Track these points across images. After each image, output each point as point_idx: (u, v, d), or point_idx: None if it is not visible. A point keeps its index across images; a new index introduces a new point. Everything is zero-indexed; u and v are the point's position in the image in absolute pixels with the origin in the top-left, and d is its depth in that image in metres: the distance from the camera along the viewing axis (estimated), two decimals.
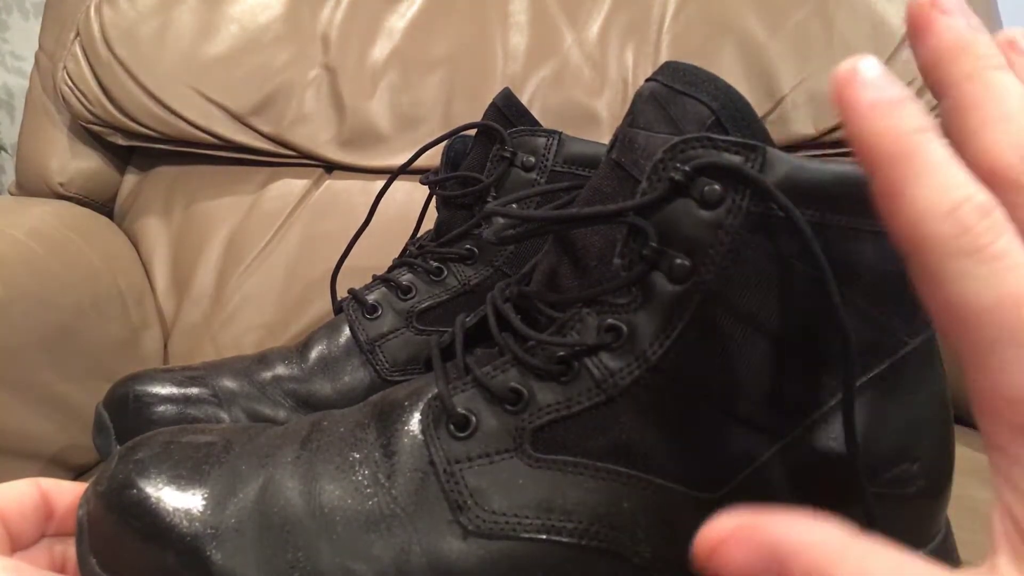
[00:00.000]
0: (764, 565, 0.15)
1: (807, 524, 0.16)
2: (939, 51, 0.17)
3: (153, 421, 0.41)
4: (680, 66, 0.27)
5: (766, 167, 0.23)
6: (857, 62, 0.16)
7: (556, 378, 0.26)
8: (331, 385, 0.43)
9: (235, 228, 0.71)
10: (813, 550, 0.15)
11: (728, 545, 0.16)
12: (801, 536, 0.15)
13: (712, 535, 0.16)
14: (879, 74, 0.16)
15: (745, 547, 0.16)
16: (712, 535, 0.16)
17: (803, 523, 0.16)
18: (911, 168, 0.15)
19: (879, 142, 0.16)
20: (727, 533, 0.16)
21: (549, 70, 0.72)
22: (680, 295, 0.24)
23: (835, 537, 0.15)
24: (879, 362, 0.25)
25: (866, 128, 0.16)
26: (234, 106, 0.70)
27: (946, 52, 0.17)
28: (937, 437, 0.27)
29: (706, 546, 0.16)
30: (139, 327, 0.65)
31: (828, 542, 0.15)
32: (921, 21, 0.17)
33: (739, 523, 0.16)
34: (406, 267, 0.46)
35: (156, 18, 0.71)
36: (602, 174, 0.28)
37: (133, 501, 0.25)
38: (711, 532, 0.16)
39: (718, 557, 0.16)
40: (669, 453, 0.25)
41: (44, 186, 0.74)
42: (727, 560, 0.16)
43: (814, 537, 0.15)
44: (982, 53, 0.17)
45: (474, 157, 0.46)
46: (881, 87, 0.16)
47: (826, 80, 0.69)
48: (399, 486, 0.25)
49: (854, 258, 0.24)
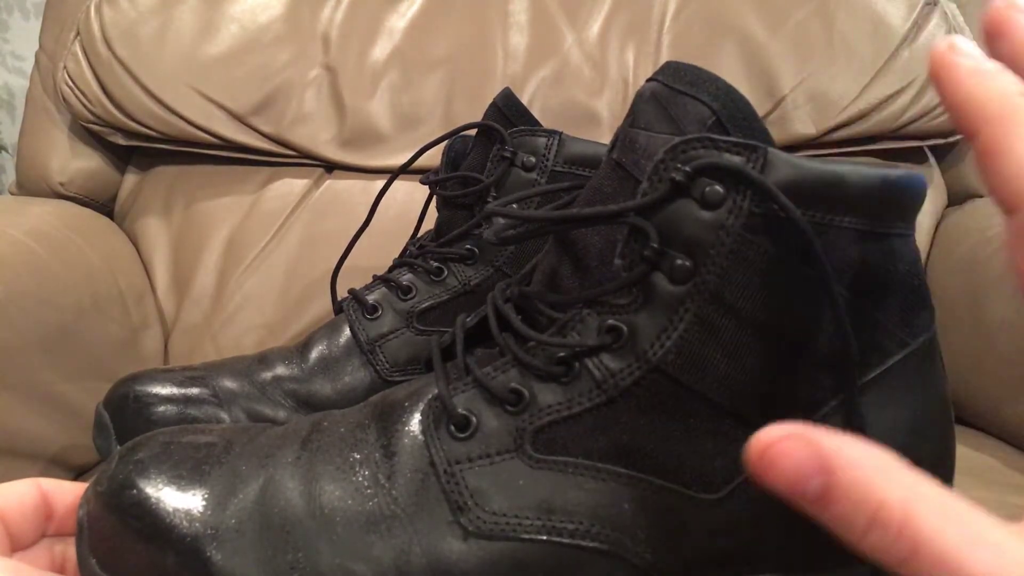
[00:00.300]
0: (812, 473, 0.16)
1: (860, 444, 0.16)
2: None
3: (153, 421, 0.41)
4: (681, 66, 0.27)
5: (767, 167, 0.23)
6: (953, 38, 0.18)
7: (557, 379, 0.26)
8: (331, 385, 0.43)
9: (235, 228, 0.71)
10: (863, 466, 0.15)
11: (779, 448, 0.16)
12: (853, 452, 0.16)
13: (765, 438, 0.16)
14: (975, 47, 0.18)
15: (796, 453, 0.16)
16: (765, 438, 0.16)
17: (856, 443, 0.16)
18: (1016, 126, 0.16)
19: (985, 103, 0.17)
20: (779, 438, 0.16)
21: (549, 70, 0.72)
22: (681, 296, 0.24)
23: (886, 460, 0.16)
24: (879, 363, 0.25)
25: (971, 91, 0.17)
26: (234, 106, 0.70)
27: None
28: (937, 438, 0.27)
29: (758, 448, 0.16)
30: (139, 327, 0.65)
31: (879, 464, 0.16)
32: (1002, 22, 0.18)
33: (793, 430, 0.16)
34: (406, 267, 0.46)
35: (156, 18, 0.71)
36: (603, 174, 0.28)
37: (133, 501, 0.25)
38: (764, 435, 0.16)
39: (768, 460, 0.16)
40: (670, 454, 0.25)
41: (44, 186, 0.74)
42: (776, 464, 0.16)
43: (866, 456, 0.16)
44: None
45: (474, 157, 0.46)
46: (979, 58, 0.17)
47: (826, 80, 0.69)
48: (399, 487, 0.25)
49: (854, 258, 0.24)
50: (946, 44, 0.18)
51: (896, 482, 0.15)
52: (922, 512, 0.15)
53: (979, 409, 0.59)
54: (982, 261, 0.61)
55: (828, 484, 0.15)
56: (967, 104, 0.17)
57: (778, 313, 0.24)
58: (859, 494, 0.15)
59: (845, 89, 0.69)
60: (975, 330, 0.58)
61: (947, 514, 0.15)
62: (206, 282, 0.70)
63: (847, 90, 0.69)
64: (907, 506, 0.15)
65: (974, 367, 0.57)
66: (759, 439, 0.16)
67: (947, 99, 0.18)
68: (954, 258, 0.66)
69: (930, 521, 0.15)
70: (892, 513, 0.15)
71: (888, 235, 0.24)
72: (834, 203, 0.23)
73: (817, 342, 0.24)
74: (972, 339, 0.58)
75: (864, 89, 0.69)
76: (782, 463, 0.16)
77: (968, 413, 0.60)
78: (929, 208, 0.74)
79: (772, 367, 0.24)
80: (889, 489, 0.15)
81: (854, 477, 0.15)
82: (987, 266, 0.60)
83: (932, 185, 0.75)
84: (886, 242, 0.24)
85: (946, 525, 0.15)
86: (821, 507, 0.16)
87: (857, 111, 0.69)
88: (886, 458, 0.16)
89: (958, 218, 0.72)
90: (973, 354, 0.58)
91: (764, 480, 0.16)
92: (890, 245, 0.24)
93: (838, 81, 0.69)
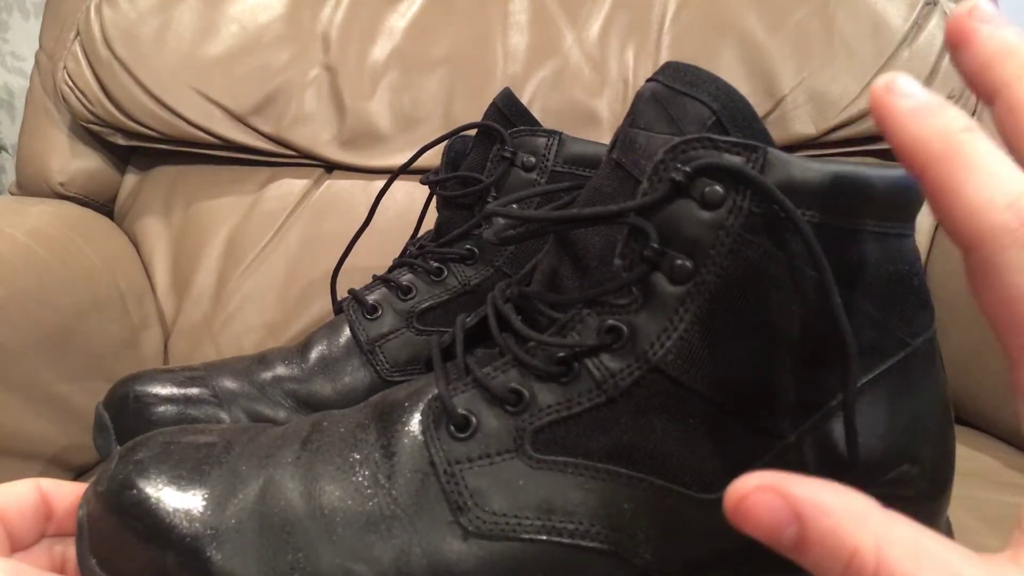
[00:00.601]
0: (785, 522, 0.16)
1: (832, 489, 0.16)
2: (984, 57, 0.17)
3: (153, 421, 0.41)
4: (681, 66, 0.27)
5: (767, 167, 0.23)
6: (892, 76, 0.17)
7: (556, 379, 0.26)
8: (331, 385, 0.43)
9: (235, 228, 0.71)
10: (835, 514, 0.15)
11: (754, 499, 0.16)
12: (825, 499, 0.16)
13: (740, 488, 0.17)
14: (915, 84, 0.17)
15: (768, 503, 0.16)
16: (740, 488, 0.17)
17: (828, 488, 0.16)
18: (963, 164, 0.16)
19: (927, 144, 0.16)
20: (753, 487, 0.16)
21: (549, 70, 0.72)
22: (681, 296, 0.24)
23: (858, 504, 0.16)
24: (879, 363, 0.25)
25: (912, 132, 0.17)
26: (234, 106, 0.70)
27: (992, 57, 0.17)
28: (937, 438, 0.27)
29: (734, 498, 0.17)
30: (139, 327, 0.65)
31: (850, 508, 0.16)
32: (963, 32, 0.17)
33: (766, 480, 0.16)
34: (406, 267, 0.46)
35: (156, 18, 0.71)
36: (602, 174, 0.28)
37: (133, 502, 0.25)
38: (739, 485, 0.17)
39: (744, 510, 0.16)
40: (669, 454, 0.25)
41: (44, 186, 0.74)
42: (751, 514, 0.16)
43: (837, 502, 0.16)
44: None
45: (474, 157, 0.46)
46: (919, 94, 0.17)
47: (826, 80, 0.69)
48: (399, 487, 0.25)
49: (854, 259, 0.24)
50: (883, 83, 0.17)
51: (868, 527, 0.15)
52: (895, 555, 0.15)
53: (979, 409, 0.59)
54: None
55: (801, 533, 0.16)
56: (910, 145, 0.17)
57: (778, 313, 0.24)
58: (832, 541, 0.15)
59: (845, 89, 0.69)
60: (975, 330, 0.58)
61: (920, 555, 0.15)
62: (206, 282, 0.70)
63: (847, 90, 0.69)
64: (880, 551, 0.15)
65: (974, 367, 0.57)
66: (733, 490, 0.17)
67: (889, 141, 0.17)
68: (954, 258, 0.66)
69: (904, 564, 0.15)
70: (866, 558, 0.15)
71: (888, 235, 0.24)
72: (834, 203, 0.23)
73: (817, 342, 0.24)
74: (972, 339, 0.58)
75: (864, 89, 0.69)
76: (756, 514, 0.16)
77: (968, 413, 0.60)
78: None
79: (772, 367, 0.24)
80: (862, 535, 0.15)
81: (826, 525, 0.15)
82: None
83: None
84: (886, 242, 0.24)
85: (920, 567, 0.15)
86: (798, 554, 0.16)
87: (857, 111, 0.69)
88: (858, 502, 0.16)
89: None
90: (973, 354, 0.58)
91: (742, 529, 0.17)
92: (890, 245, 0.24)
93: (838, 81, 0.69)
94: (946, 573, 0.15)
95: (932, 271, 0.68)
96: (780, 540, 0.16)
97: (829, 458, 0.25)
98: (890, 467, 0.26)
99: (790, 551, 0.16)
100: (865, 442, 0.24)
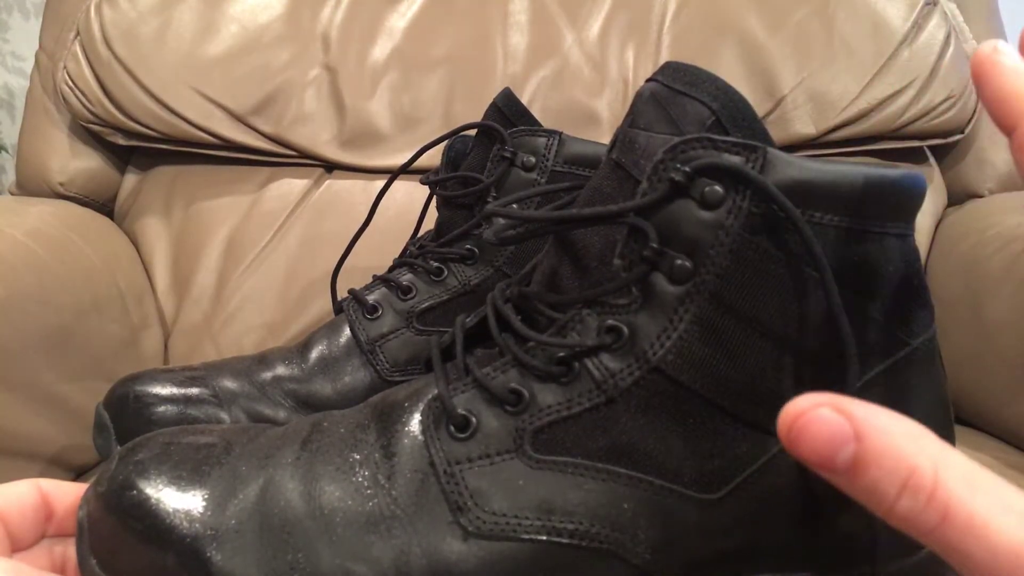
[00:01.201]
0: (843, 440, 0.16)
1: (887, 412, 0.16)
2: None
3: (153, 421, 0.41)
4: (680, 66, 0.27)
5: (767, 167, 0.23)
6: (996, 42, 0.19)
7: (556, 379, 0.26)
8: (331, 385, 0.43)
9: (235, 228, 0.71)
10: (894, 434, 0.15)
11: (812, 415, 0.16)
12: (883, 420, 0.16)
13: (796, 407, 0.16)
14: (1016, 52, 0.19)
15: (828, 419, 0.16)
16: (796, 407, 0.16)
17: (883, 411, 0.16)
18: None
19: None
20: (810, 406, 0.16)
21: (549, 70, 0.72)
22: (681, 296, 0.24)
23: (914, 428, 0.16)
24: (879, 363, 0.25)
25: (1012, 87, 0.18)
26: (234, 106, 0.70)
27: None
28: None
29: (789, 417, 0.16)
30: (139, 327, 0.65)
31: (908, 431, 0.16)
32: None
33: (824, 399, 0.16)
34: (406, 267, 0.46)
35: (156, 18, 0.71)
36: (602, 174, 0.28)
37: (133, 502, 0.25)
38: (795, 404, 0.16)
39: (800, 428, 0.16)
40: (669, 454, 0.25)
41: (44, 186, 0.74)
42: (807, 433, 0.16)
43: (895, 423, 0.16)
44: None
45: (474, 157, 0.46)
46: (1020, 59, 0.19)
47: (826, 80, 0.69)
48: (399, 487, 0.25)
49: (854, 259, 0.24)
50: (990, 46, 0.19)
51: (926, 450, 0.15)
52: (952, 479, 0.15)
53: (979, 409, 0.59)
54: (982, 261, 0.61)
55: (859, 452, 0.15)
56: (1009, 99, 0.18)
57: (778, 313, 0.24)
58: (891, 461, 0.15)
59: (845, 89, 0.69)
60: (975, 330, 0.58)
61: (975, 482, 0.15)
62: (206, 282, 0.70)
63: (847, 90, 0.69)
64: (938, 473, 0.15)
65: (974, 367, 0.57)
66: (789, 409, 0.16)
67: (988, 94, 0.18)
68: (954, 258, 0.66)
69: (959, 488, 0.15)
70: (923, 480, 0.15)
71: (888, 235, 0.24)
72: (834, 203, 0.23)
73: (817, 342, 0.24)
74: (972, 339, 0.58)
75: (864, 89, 0.69)
76: (813, 431, 0.16)
77: (968, 413, 0.60)
78: (929, 208, 0.74)
79: (772, 367, 0.24)
80: (920, 456, 0.15)
81: (885, 444, 0.15)
82: (987, 266, 0.60)
83: (932, 185, 0.75)
84: (886, 242, 0.24)
85: (975, 493, 0.15)
86: (852, 476, 0.16)
87: (857, 111, 0.69)
88: (914, 426, 0.16)
89: (958, 218, 0.72)
90: (973, 354, 0.58)
91: (795, 450, 0.16)
92: (890, 245, 0.24)
93: (838, 81, 0.69)
94: (999, 500, 0.15)
95: (932, 271, 0.68)
96: (834, 462, 0.16)
97: None
98: None
99: (844, 472, 0.16)
100: None
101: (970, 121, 0.73)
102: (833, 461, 0.16)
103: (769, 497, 0.25)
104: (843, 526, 0.26)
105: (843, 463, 0.16)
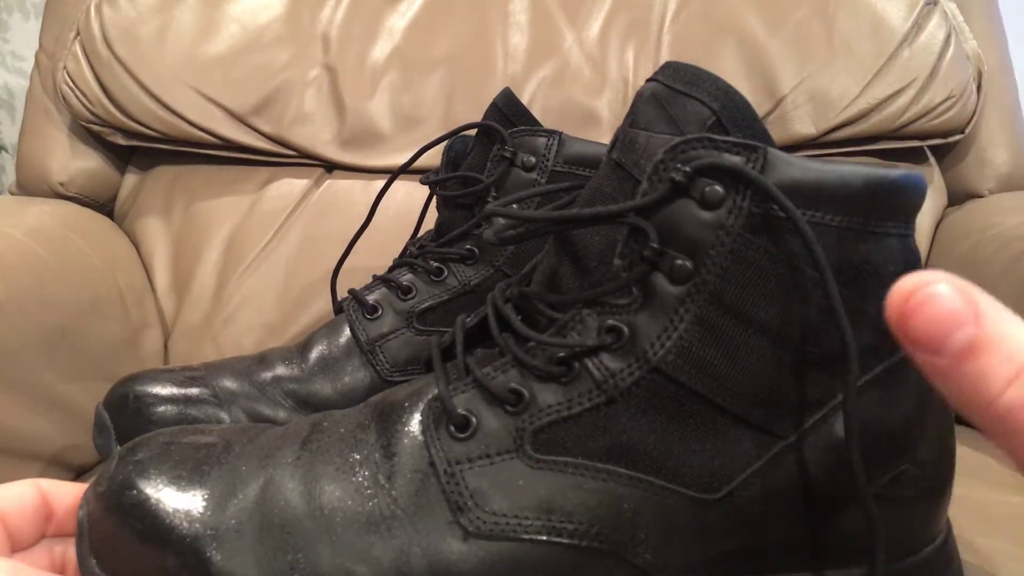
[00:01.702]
0: (961, 321, 0.15)
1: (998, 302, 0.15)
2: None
3: (153, 421, 0.41)
4: (681, 66, 0.27)
5: (767, 167, 0.23)
6: None
7: (556, 379, 0.25)
8: (331, 385, 0.43)
9: (235, 228, 0.71)
10: (1010, 320, 0.15)
11: (931, 291, 0.15)
12: (998, 305, 0.15)
13: (913, 282, 0.15)
14: None
15: (949, 297, 0.15)
16: (913, 282, 0.15)
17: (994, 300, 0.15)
18: None
19: None
20: (930, 281, 0.15)
21: (549, 70, 0.72)
22: (681, 296, 0.24)
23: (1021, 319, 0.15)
24: (879, 363, 0.25)
25: None
26: (234, 106, 0.70)
27: None
28: (937, 438, 0.27)
29: (904, 292, 0.15)
30: (139, 327, 0.64)
31: (1020, 320, 0.15)
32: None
33: (941, 275, 0.15)
34: (406, 267, 0.46)
35: (156, 18, 0.71)
36: (602, 174, 0.28)
37: (133, 502, 0.25)
38: (910, 279, 0.15)
39: (916, 303, 0.15)
40: (669, 454, 0.25)
41: (44, 186, 0.74)
42: (924, 308, 0.15)
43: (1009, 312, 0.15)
44: None
45: (474, 157, 0.46)
46: None
47: (826, 80, 0.69)
48: (399, 487, 0.25)
49: (855, 259, 0.24)
50: None
51: None
52: None
53: None
54: (982, 261, 0.61)
55: (977, 335, 0.14)
56: None
57: (778, 313, 0.24)
58: (1008, 346, 0.14)
59: (845, 89, 0.69)
60: None
61: None
62: (206, 282, 0.69)
63: (847, 90, 0.69)
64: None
65: None
66: (904, 284, 0.15)
67: None
68: (954, 258, 0.66)
69: None
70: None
71: (888, 235, 0.24)
72: (834, 203, 0.23)
73: (817, 342, 0.24)
74: None
75: (864, 89, 0.69)
76: (930, 309, 0.15)
77: None
78: (929, 208, 0.74)
79: (772, 367, 0.24)
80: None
81: (1004, 330, 0.15)
82: (987, 266, 0.60)
83: (932, 185, 0.75)
84: (886, 242, 0.24)
85: None
86: (962, 360, 0.15)
87: (857, 111, 0.69)
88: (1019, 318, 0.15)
89: (958, 218, 0.72)
90: None
91: (905, 329, 0.15)
92: (890, 245, 0.24)
93: (838, 81, 0.69)
94: None
95: None
96: (945, 343, 0.15)
97: (829, 458, 0.25)
98: (890, 467, 0.26)
99: (950, 356, 0.15)
100: (864, 442, 0.24)
101: (970, 121, 0.73)
102: (944, 342, 0.15)
103: (769, 497, 0.25)
104: (843, 526, 0.26)
105: (957, 344, 0.15)
